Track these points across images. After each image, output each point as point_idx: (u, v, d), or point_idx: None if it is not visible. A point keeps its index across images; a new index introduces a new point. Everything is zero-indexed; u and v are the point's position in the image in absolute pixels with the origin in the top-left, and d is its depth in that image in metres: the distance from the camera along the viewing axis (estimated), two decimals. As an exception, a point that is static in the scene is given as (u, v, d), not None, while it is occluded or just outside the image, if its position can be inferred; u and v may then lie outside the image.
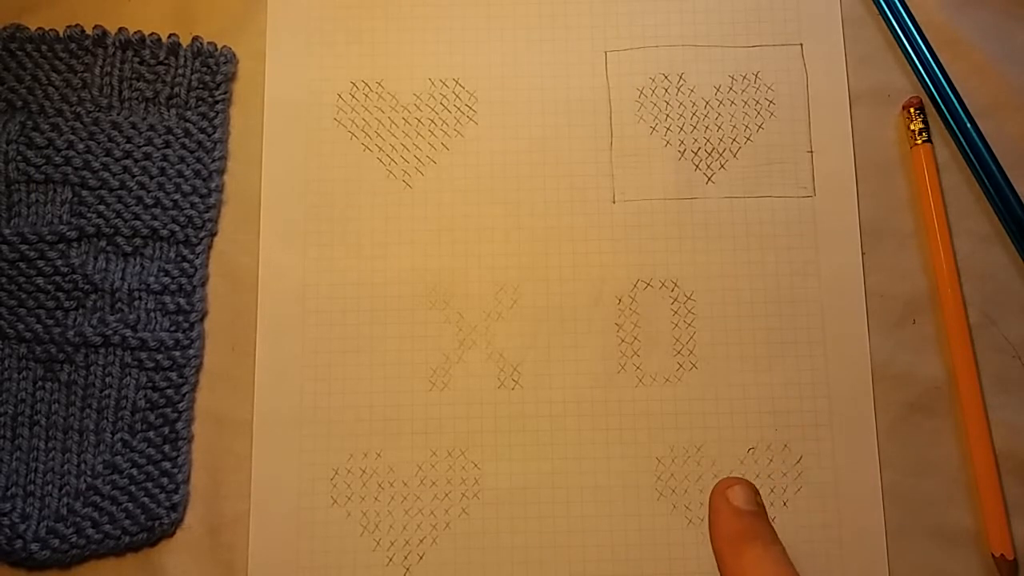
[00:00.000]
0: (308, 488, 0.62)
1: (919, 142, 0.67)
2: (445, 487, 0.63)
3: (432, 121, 0.68)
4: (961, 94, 0.68)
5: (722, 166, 0.67)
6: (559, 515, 0.62)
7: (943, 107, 0.68)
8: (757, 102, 0.68)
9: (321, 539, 0.62)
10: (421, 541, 0.62)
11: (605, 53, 0.69)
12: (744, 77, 0.69)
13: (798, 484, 0.63)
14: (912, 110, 0.67)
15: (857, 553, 0.62)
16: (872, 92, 0.69)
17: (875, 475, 0.63)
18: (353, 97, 0.68)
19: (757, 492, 0.53)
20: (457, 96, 0.68)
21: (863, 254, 0.66)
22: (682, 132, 0.68)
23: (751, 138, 0.68)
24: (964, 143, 0.67)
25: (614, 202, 0.67)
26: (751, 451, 0.63)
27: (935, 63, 0.68)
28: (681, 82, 0.69)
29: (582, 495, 0.63)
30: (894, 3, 0.69)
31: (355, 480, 0.63)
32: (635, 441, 0.64)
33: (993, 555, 0.62)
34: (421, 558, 0.62)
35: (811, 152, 0.67)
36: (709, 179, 0.67)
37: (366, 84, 0.68)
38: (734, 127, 0.68)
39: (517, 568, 0.61)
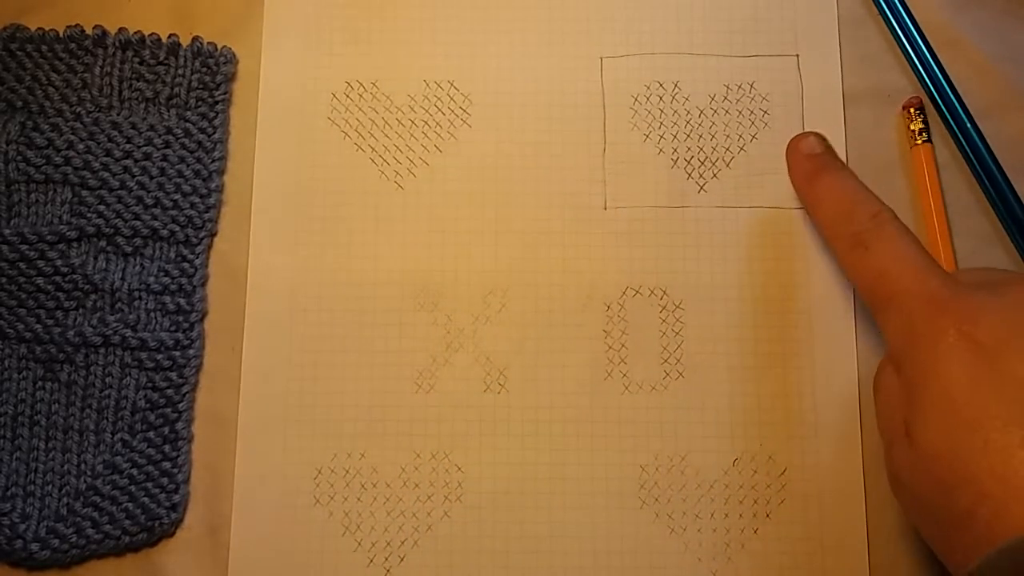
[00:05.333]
0: (291, 487, 0.61)
1: (919, 142, 0.64)
2: (428, 489, 0.61)
3: (426, 123, 0.65)
4: (961, 94, 0.65)
5: (715, 175, 0.65)
6: (541, 520, 0.61)
7: (943, 107, 0.65)
8: (752, 112, 0.66)
9: (303, 538, 0.60)
10: (403, 543, 0.61)
11: (601, 59, 0.66)
12: (739, 87, 0.66)
13: (782, 496, 0.61)
14: (912, 110, 0.65)
15: (840, 564, 0.60)
16: (872, 92, 0.66)
17: (859, 487, 0.61)
18: (347, 97, 0.66)
19: (824, 138, 0.64)
20: (451, 98, 0.66)
21: (863, 255, 0.64)
22: (675, 140, 0.65)
23: (744, 148, 0.65)
24: (964, 143, 0.64)
25: (605, 208, 0.64)
26: (736, 461, 0.61)
27: (935, 63, 0.65)
28: (676, 90, 0.66)
29: (565, 501, 0.61)
30: (894, 3, 0.66)
31: (338, 480, 0.61)
32: (619, 448, 0.62)
33: (991, 554, 0.60)
34: (402, 560, 0.60)
35: (804, 163, 0.65)
36: (701, 188, 0.64)
37: (361, 84, 0.66)
38: (728, 136, 0.65)
39: (498, 572, 0.60)
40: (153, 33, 0.66)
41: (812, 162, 0.62)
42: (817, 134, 0.64)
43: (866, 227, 0.57)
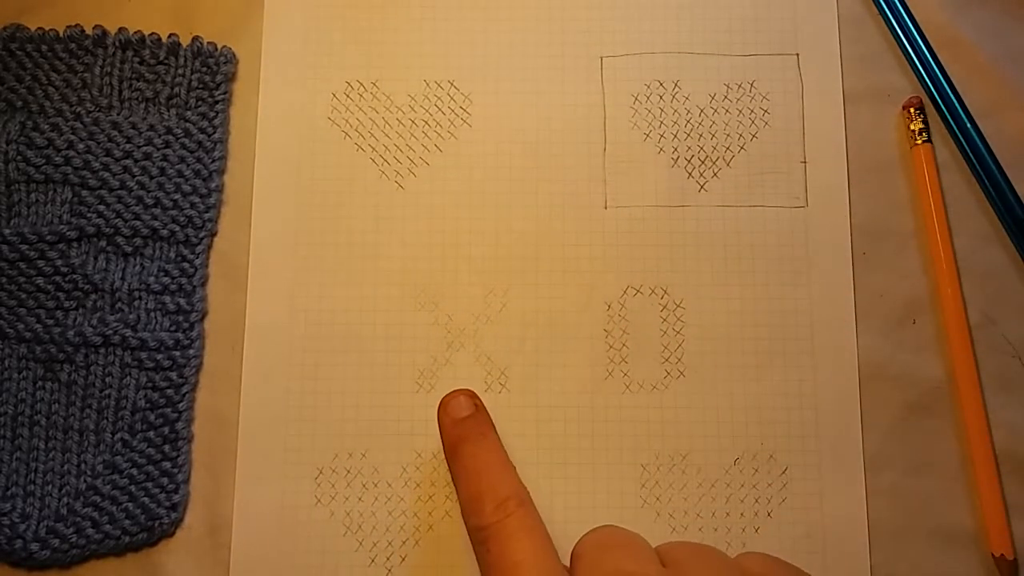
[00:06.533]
0: (292, 487, 0.61)
1: (919, 142, 0.64)
2: (429, 489, 0.61)
3: (426, 122, 0.66)
4: (961, 94, 0.65)
5: (715, 174, 0.65)
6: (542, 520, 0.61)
7: (943, 107, 0.65)
8: (752, 111, 0.66)
9: (304, 538, 0.61)
10: (404, 542, 0.61)
11: (601, 59, 0.66)
12: (739, 86, 0.66)
13: (783, 495, 0.61)
14: (912, 110, 0.65)
15: (840, 564, 0.60)
16: (872, 92, 0.66)
17: (860, 486, 0.61)
18: (348, 97, 0.66)
19: (474, 396, 0.59)
20: (452, 98, 0.66)
21: (863, 254, 0.64)
22: (676, 139, 0.65)
23: (745, 147, 0.65)
24: (964, 143, 0.65)
25: (606, 208, 0.64)
26: (736, 461, 0.61)
27: (935, 63, 0.65)
28: (676, 89, 0.66)
29: (566, 501, 0.61)
30: (894, 3, 0.66)
31: (339, 480, 0.61)
32: (620, 448, 0.62)
33: (993, 555, 0.60)
34: (403, 559, 0.60)
35: (804, 162, 0.65)
36: (702, 187, 0.65)
37: (361, 84, 0.66)
38: (728, 136, 0.65)
39: (500, 573, 0.60)
40: (153, 33, 0.66)
41: (456, 430, 0.58)
42: (467, 393, 0.59)
43: (489, 521, 0.53)
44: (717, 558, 0.52)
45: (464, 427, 0.58)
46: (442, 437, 0.59)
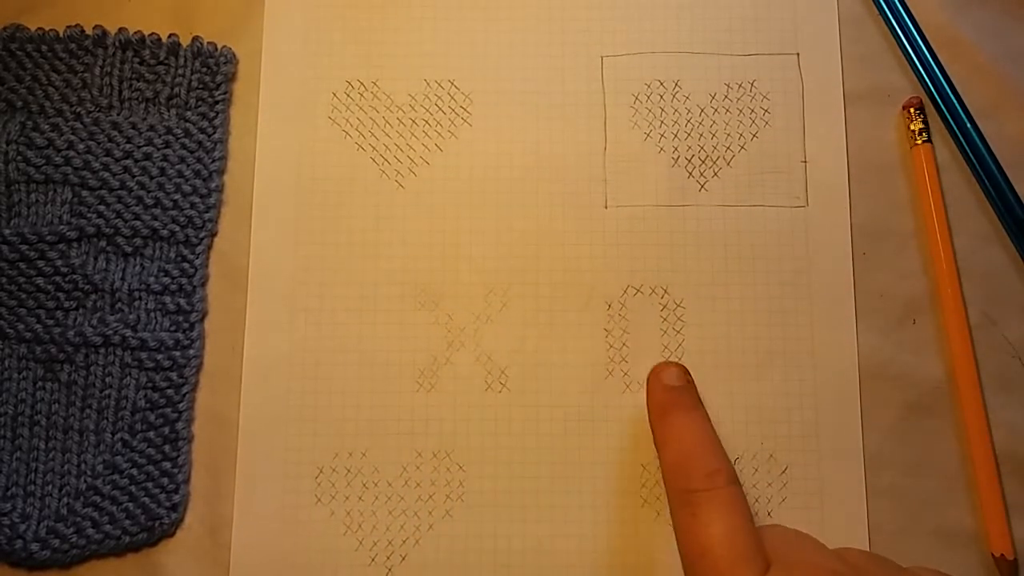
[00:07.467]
0: (293, 486, 0.61)
1: (919, 142, 0.65)
2: (429, 488, 0.61)
3: (426, 122, 0.66)
4: (961, 94, 0.65)
5: (715, 174, 0.65)
6: (542, 520, 0.61)
7: (943, 107, 0.65)
8: (752, 111, 0.66)
9: (304, 537, 0.61)
10: (404, 542, 0.61)
11: (601, 58, 0.67)
12: (740, 85, 0.66)
13: (783, 495, 0.61)
14: (912, 110, 0.65)
15: (841, 563, 0.61)
16: (872, 92, 0.66)
17: (860, 486, 0.61)
18: (348, 96, 0.66)
19: (686, 371, 0.61)
20: (452, 97, 0.66)
21: (863, 254, 0.64)
22: (676, 139, 0.66)
23: (745, 147, 0.65)
24: (964, 143, 0.65)
25: (606, 207, 0.65)
26: (737, 460, 0.61)
27: (935, 63, 0.66)
28: (676, 89, 0.66)
29: (566, 500, 0.61)
30: (894, 3, 0.66)
31: (340, 479, 0.61)
32: (621, 447, 0.62)
33: (993, 555, 0.60)
34: (404, 559, 0.61)
35: (805, 162, 0.65)
36: (702, 187, 0.65)
37: (361, 83, 0.66)
38: (728, 135, 0.66)
39: (499, 571, 0.60)
40: (153, 33, 0.66)
41: (667, 395, 0.60)
42: (681, 366, 0.61)
43: (699, 487, 0.55)
44: (892, 567, 0.55)
45: (676, 394, 0.60)
46: (649, 401, 0.61)
